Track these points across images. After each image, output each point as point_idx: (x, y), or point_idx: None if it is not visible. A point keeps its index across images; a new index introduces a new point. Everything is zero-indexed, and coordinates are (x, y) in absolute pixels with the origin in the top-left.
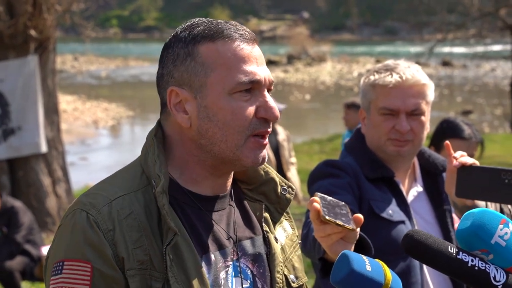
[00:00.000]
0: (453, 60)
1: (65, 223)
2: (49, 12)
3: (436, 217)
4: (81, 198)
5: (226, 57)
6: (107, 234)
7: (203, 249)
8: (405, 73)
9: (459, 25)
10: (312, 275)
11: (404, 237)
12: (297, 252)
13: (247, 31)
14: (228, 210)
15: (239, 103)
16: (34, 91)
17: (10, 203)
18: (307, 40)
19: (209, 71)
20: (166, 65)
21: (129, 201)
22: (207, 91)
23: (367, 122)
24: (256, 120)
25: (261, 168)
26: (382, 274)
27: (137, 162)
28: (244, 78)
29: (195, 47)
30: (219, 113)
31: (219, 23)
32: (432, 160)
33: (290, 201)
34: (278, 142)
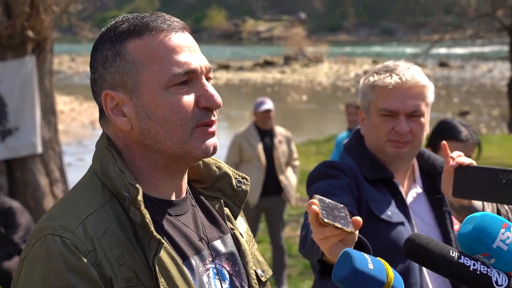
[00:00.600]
0: (450, 61)
1: (33, 252)
2: (46, 13)
3: (435, 218)
4: (46, 223)
5: (156, 51)
6: (89, 255)
7: (183, 255)
8: (404, 74)
9: (456, 26)
10: (309, 276)
11: (406, 241)
12: (255, 246)
13: (176, 20)
14: (192, 211)
15: (177, 97)
16: (32, 92)
17: (7, 204)
18: (304, 40)
19: (141, 68)
20: (97, 69)
21: (101, 218)
22: (142, 89)
23: (366, 123)
24: (199, 110)
25: (213, 164)
26: (384, 272)
27: (93, 176)
28: (178, 69)
29: (122, 46)
30: (158, 110)
31: (144, 17)
32: (432, 161)
33: (247, 193)
34: (273, 144)
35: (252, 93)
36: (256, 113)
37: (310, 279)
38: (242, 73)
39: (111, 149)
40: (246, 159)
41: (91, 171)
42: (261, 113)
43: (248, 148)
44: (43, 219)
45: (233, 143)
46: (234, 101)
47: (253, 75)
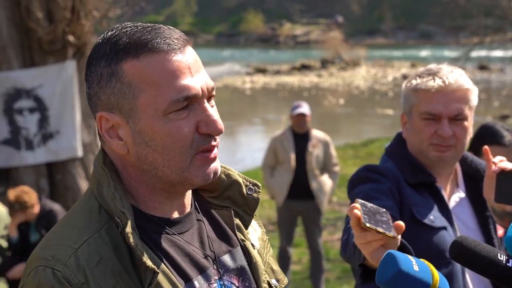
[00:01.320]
0: (490, 64)
1: (27, 283)
2: (87, 18)
3: (478, 223)
4: (39, 252)
5: (153, 74)
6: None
7: (185, 278)
8: (448, 77)
9: (496, 29)
10: (347, 280)
11: (453, 244)
12: (270, 252)
13: (176, 38)
14: (197, 226)
15: (176, 123)
16: (72, 96)
17: (49, 206)
18: (341, 44)
19: (138, 92)
20: (92, 85)
21: (95, 245)
22: (139, 114)
23: (408, 126)
24: (199, 136)
25: (222, 172)
26: (430, 274)
27: (90, 196)
28: (177, 96)
29: (118, 66)
30: (156, 137)
31: (144, 32)
32: (475, 166)
33: (259, 201)
34: (306, 148)
35: (289, 96)
36: (292, 116)
37: (348, 283)
38: (279, 76)
39: (105, 169)
40: (280, 162)
41: (89, 190)
42: (296, 117)
43: (281, 151)
44: (39, 246)
45: (269, 146)
46: (271, 105)
47: (290, 78)
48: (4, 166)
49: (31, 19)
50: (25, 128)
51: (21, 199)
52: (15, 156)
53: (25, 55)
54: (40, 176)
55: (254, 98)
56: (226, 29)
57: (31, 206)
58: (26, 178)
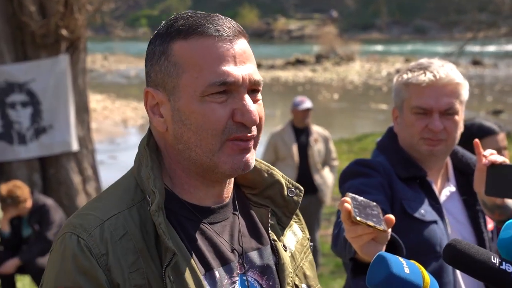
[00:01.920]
0: (483, 59)
1: (56, 248)
2: (80, 12)
3: (468, 217)
4: (71, 219)
5: (198, 57)
6: (100, 259)
7: (206, 266)
8: (439, 71)
9: (490, 24)
10: (341, 275)
11: (446, 247)
12: (308, 258)
13: (228, 26)
14: (231, 220)
15: (212, 106)
16: (65, 90)
17: (41, 201)
18: (335, 39)
19: (181, 72)
20: (146, 63)
21: (123, 220)
22: (180, 93)
23: (399, 121)
24: (233, 123)
25: (265, 171)
26: (420, 276)
27: (130, 174)
28: (215, 79)
29: (169, 45)
30: (191, 117)
31: (199, 17)
32: (465, 160)
33: (299, 204)
34: (308, 142)
35: (283, 91)
36: (296, 111)
37: (342, 278)
38: (274, 71)
39: (147, 149)
40: (281, 157)
41: (131, 169)
42: (302, 112)
43: (282, 147)
44: (73, 215)
45: (269, 142)
46: (265, 99)
47: (284, 73)
48: None
49: (24, 13)
50: (18, 122)
51: (14, 193)
52: (8, 150)
53: (18, 49)
54: (33, 171)
55: None
56: None
57: (24, 200)
58: (19, 172)
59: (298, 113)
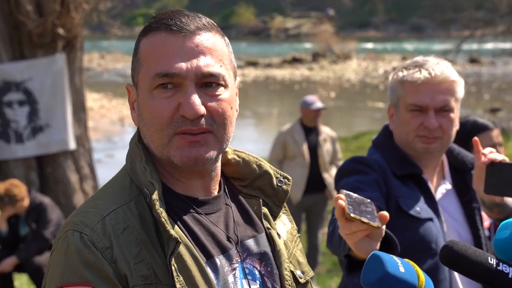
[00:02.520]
0: (481, 57)
1: (57, 247)
2: (76, 11)
3: (464, 215)
4: (70, 218)
5: (150, 52)
6: (105, 252)
7: (207, 254)
8: (434, 69)
9: (487, 22)
10: (338, 273)
11: (443, 248)
12: (298, 246)
13: (186, 21)
14: (225, 211)
15: (158, 101)
16: (62, 89)
17: (38, 200)
18: (332, 37)
19: (140, 67)
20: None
21: (123, 214)
22: (139, 89)
23: (395, 118)
24: (179, 117)
25: (254, 162)
26: (415, 275)
27: (124, 172)
28: (158, 70)
29: (138, 43)
30: (144, 112)
31: (166, 14)
32: (461, 158)
33: (288, 193)
34: (318, 142)
35: (280, 90)
36: (308, 110)
37: (338, 276)
38: (270, 70)
39: (139, 145)
40: (290, 156)
41: (124, 167)
42: (315, 111)
43: (292, 145)
44: (71, 214)
45: (277, 140)
46: (262, 98)
47: (281, 72)
48: None
49: (21, 12)
50: (15, 121)
51: (11, 192)
52: (5, 149)
53: (15, 48)
54: (30, 169)
55: (245, 91)
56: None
57: (21, 199)
58: (16, 171)
59: (310, 112)
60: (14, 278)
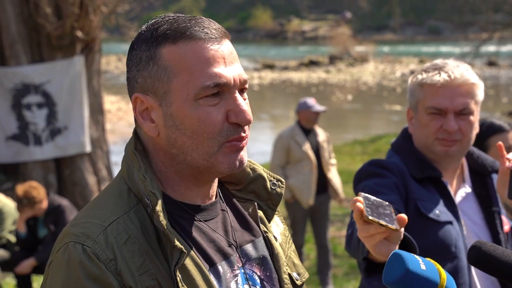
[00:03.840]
0: (499, 60)
1: (57, 259)
2: (95, 13)
3: (484, 218)
4: (69, 229)
5: (188, 60)
6: (109, 264)
7: (209, 262)
8: (453, 72)
9: (505, 24)
10: (355, 276)
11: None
12: (292, 247)
13: (214, 28)
14: (222, 216)
15: (206, 109)
16: (80, 92)
17: (57, 202)
18: (349, 40)
19: (172, 76)
20: (131, 68)
21: (124, 225)
22: (172, 98)
23: (414, 121)
24: (228, 125)
25: (248, 166)
26: (437, 273)
27: (120, 180)
28: (208, 81)
29: (157, 50)
30: (186, 121)
31: (184, 21)
32: (481, 161)
33: (282, 196)
34: (318, 143)
35: (297, 92)
36: (309, 112)
37: (356, 279)
38: (287, 72)
39: (136, 153)
40: (295, 159)
41: (119, 174)
42: (316, 113)
43: (296, 149)
44: (68, 225)
45: (279, 145)
46: (278, 100)
47: (297, 74)
48: (12, 161)
49: (40, 14)
50: (34, 123)
51: (30, 194)
52: (24, 151)
53: (34, 50)
54: (48, 172)
55: (262, 94)
56: (234, 25)
57: (39, 201)
58: (34, 173)
59: (311, 114)
60: (33, 280)
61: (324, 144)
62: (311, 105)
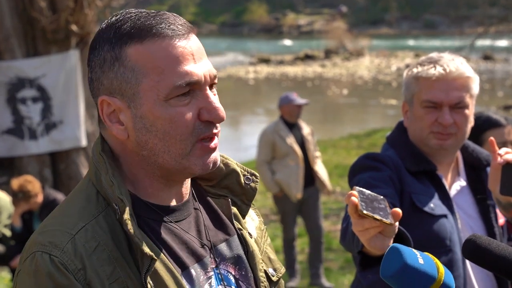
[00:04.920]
0: (494, 54)
1: (24, 269)
2: (90, 7)
3: (479, 212)
4: (36, 237)
5: (157, 59)
6: (78, 274)
7: (181, 266)
8: (449, 65)
9: (501, 18)
10: (350, 270)
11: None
12: (267, 241)
13: (180, 24)
14: (194, 215)
15: (178, 109)
16: (75, 86)
17: (52, 196)
18: (345, 34)
19: (140, 77)
20: (94, 69)
21: (92, 231)
22: (141, 99)
23: (409, 115)
24: (200, 123)
25: (221, 161)
26: (435, 267)
27: (88, 183)
28: (179, 81)
29: (122, 50)
30: (157, 123)
31: (148, 18)
32: (476, 155)
33: (256, 190)
34: (303, 136)
35: (292, 86)
36: (292, 106)
37: (351, 273)
38: (283, 67)
39: (103, 156)
40: (280, 154)
41: (87, 177)
42: (298, 106)
43: (281, 144)
44: (36, 232)
45: (264, 141)
46: (274, 95)
47: (293, 69)
48: (7, 155)
49: (34, 8)
50: (28, 117)
51: (25, 188)
52: (19, 145)
53: (29, 44)
54: (43, 166)
55: (258, 88)
56: (230, 19)
57: (35, 195)
58: (29, 167)
59: (294, 107)
60: None
61: (308, 137)
62: (292, 98)
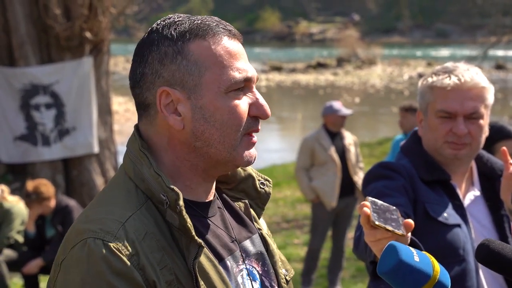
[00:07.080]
0: (507, 63)
1: (72, 256)
2: (104, 15)
3: (493, 221)
4: (84, 226)
5: (219, 55)
6: (131, 259)
7: (218, 257)
8: (464, 75)
9: None
10: (362, 279)
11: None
12: (274, 245)
13: (233, 27)
14: (220, 213)
15: (235, 102)
16: (89, 92)
17: (64, 202)
18: (357, 42)
19: (203, 69)
20: (151, 64)
21: (140, 221)
22: (202, 91)
23: (424, 124)
24: (249, 118)
25: None
26: (430, 265)
27: (124, 178)
28: (239, 75)
29: (185, 45)
30: (216, 113)
31: (204, 19)
32: (490, 165)
33: (270, 195)
34: (344, 146)
35: (304, 95)
36: (336, 116)
37: (363, 282)
38: (295, 74)
39: (145, 151)
40: (319, 162)
41: (122, 172)
42: (341, 117)
43: (320, 151)
44: (79, 222)
45: (304, 148)
46: (286, 102)
47: (305, 77)
48: (20, 161)
49: (49, 16)
50: (42, 124)
51: (39, 189)
52: (32, 151)
53: (43, 51)
54: (56, 172)
55: (270, 96)
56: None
57: (48, 198)
58: (42, 173)
59: (338, 118)
60: (40, 280)
61: (350, 147)
62: (337, 109)
